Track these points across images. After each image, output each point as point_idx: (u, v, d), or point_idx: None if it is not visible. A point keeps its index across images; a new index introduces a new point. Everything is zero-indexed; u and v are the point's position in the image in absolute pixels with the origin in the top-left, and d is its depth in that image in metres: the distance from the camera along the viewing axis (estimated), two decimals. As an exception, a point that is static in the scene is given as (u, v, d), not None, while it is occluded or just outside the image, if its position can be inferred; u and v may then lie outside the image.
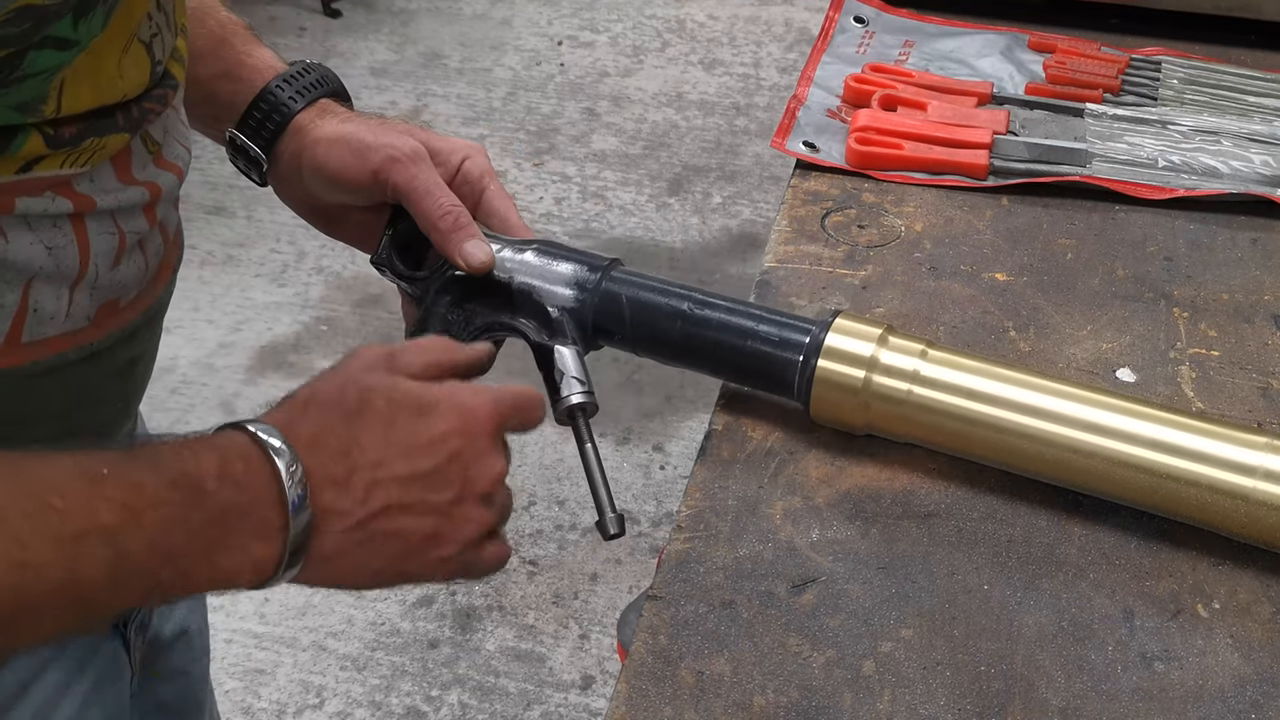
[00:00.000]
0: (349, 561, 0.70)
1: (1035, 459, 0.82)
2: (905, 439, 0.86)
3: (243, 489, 0.65)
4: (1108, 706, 0.73)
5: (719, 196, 3.15)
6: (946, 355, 0.84)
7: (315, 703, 2.07)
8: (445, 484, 0.72)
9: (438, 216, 0.87)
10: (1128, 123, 1.19)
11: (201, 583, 0.65)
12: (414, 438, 0.71)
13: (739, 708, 0.72)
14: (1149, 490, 0.79)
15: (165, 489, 0.63)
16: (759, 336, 0.86)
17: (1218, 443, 0.78)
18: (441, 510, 0.72)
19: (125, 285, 0.76)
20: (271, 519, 0.66)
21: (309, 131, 0.90)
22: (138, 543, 0.62)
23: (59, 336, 0.72)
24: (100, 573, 0.61)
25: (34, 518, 0.59)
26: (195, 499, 0.64)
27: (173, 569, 0.63)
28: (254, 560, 0.66)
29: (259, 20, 3.67)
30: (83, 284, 0.72)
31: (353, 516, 0.69)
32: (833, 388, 0.84)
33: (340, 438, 0.69)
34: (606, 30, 3.79)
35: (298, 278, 2.84)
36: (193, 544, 0.64)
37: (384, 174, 0.87)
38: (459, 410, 0.73)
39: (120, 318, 0.76)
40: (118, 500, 0.61)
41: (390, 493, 0.70)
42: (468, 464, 0.72)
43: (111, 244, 0.73)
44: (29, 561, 0.58)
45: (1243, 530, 0.78)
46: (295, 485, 0.66)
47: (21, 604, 0.58)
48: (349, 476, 0.69)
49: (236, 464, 0.66)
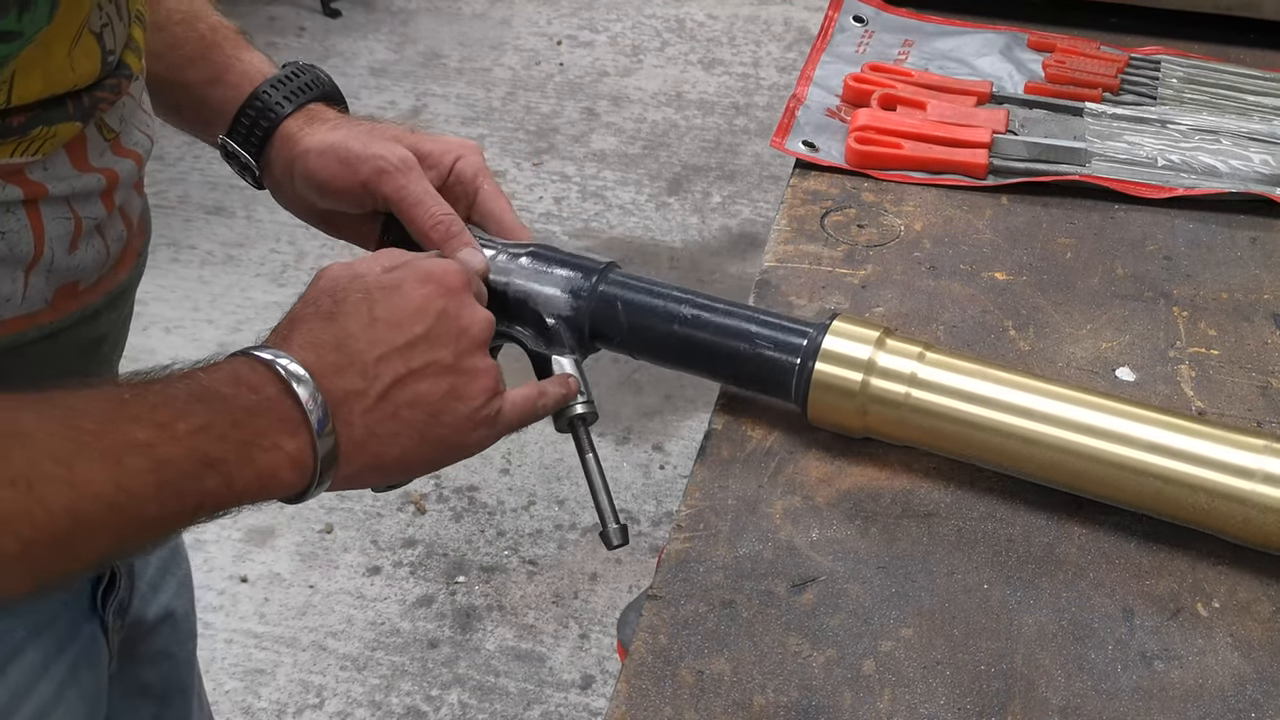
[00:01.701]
0: (383, 443, 0.73)
1: (1032, 462, 0.81)
2: (903, 442, 0.86)
3: (257, 390, 0.68)
4: (1107, 705, 0.73)
5: (718, 196, 3.15)
6: (944, 358, 0.84)
7: (315, 702, 2.07)
8: (444, 340, 0.75)
9: (429, 226, 0.87)
10: (1127, 122, 1.19)
11: (248, 484, 0.67)
12: (397, 311, 0.75)
13: (739, 707, 0.72)
14: (1146, 493, 0.79)
15: (186, 401, 0.66)
16: (756, 340, 0.85)
17: (1216, 445, 0.78)
18: (450, 366, 0.75)
19: (84, 269, 0.76)
20: (291, 413, 0.69)
21: (298, 140, 0.90)
22: (176, 450, 0.64)
23: (16, 318, 0.73)
24: (146, 484, 0.63)
25: (71, 440, 0.61)
26: (218, 406, 0.67)
27: (215, 474, 0.66)
28: (289, 456, 0.68)
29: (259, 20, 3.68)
30: (38, 268, 0.72)
31: (369, 395, 0.72)
32: (830, 391, 0.84)
33: (331, 335, 0.73)
34: (606, 30, 3.79)
35: (298, 278, 2.84)
36: (227, 447, 0.66)
37: (373, 185, 0.88)
38: (428, 275, 0.77)
39: (80, 300, 0.77)
40: (146, 418, 0.64)
41: (395, 364, 0.73)
42: (457, 316, 0.76)
43: (67, 229, 0.73)
44: (75, 480, 0.60)
45: (1241, 533, 0.78)
46: (300, 382, 0.69)
47: (76, 524, 0.60)
48: (350, 362, 0.72)
49: (244, 371, 0.69)
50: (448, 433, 0.76)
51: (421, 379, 0.74)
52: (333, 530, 2.33)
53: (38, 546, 0.59)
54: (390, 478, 0.77)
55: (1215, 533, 0.79)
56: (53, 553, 0.60)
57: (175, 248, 2.90)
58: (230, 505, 0.68)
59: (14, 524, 0.58)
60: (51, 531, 0.60)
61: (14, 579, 0.60)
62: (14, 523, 0.58)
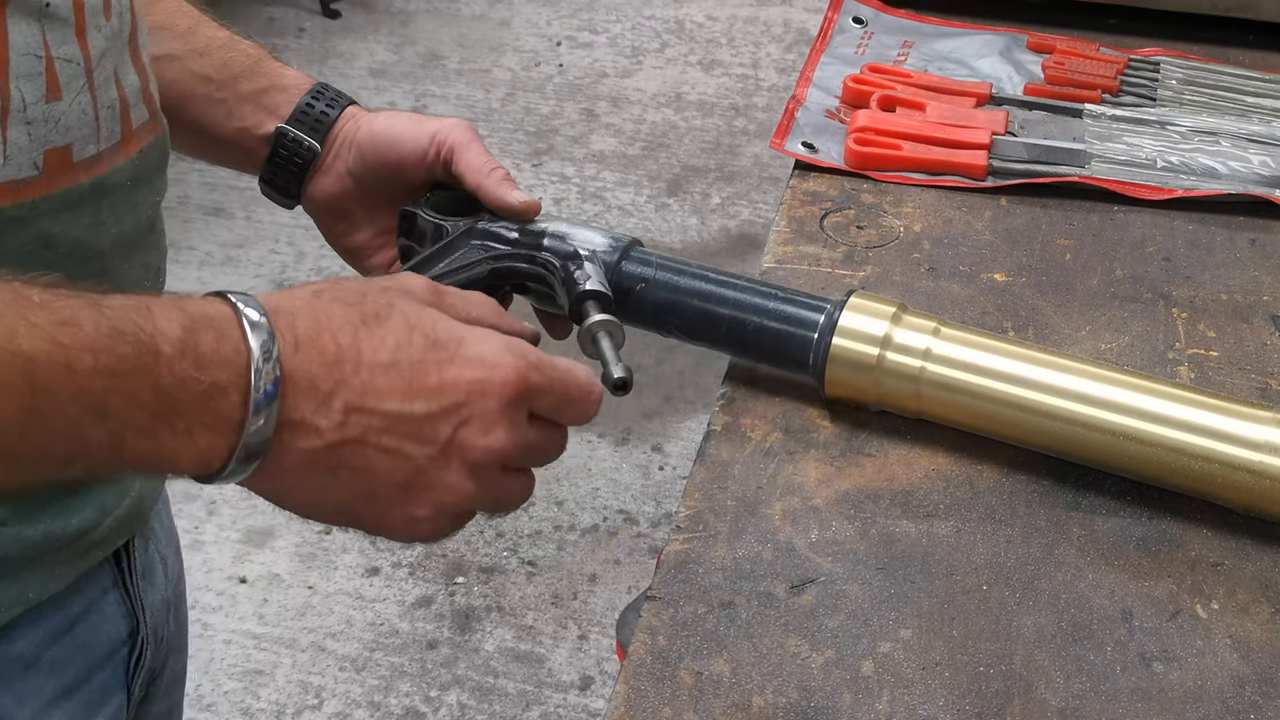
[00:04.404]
0: (307, 484, 0.63)
1: (1045, 434, 0.83)
2: (917, 415, 0.87)
3: (202, 367, 0.57)
4: (1107, 707, 0.73)
5: (718, 197, 3.15)
6: (959, 333, 0.86)
7: (314, 703, 2.07)
8: (430, 439, 0.64)
9: (491, 169, 0.91)
10: (1126, 123, 1.19)
11: (136, 456, 0.57)
12: (418, 374, 0.63)
13: (738, 708, 0.72)
14: (1157, 464, 0.81)
15: (107, 337, 0.55)
16: (774, 315, 0.87)
17: (1226, 418, 0.80)
18: (416, 465, 0.64)
19: (70, 129, 0.69)
20: (228, 412, 0.58)
21: (362, 115, 0.96)
22: (62, 384, 0.53)
23: (5, 184, 0.66)
24: (8, 404, 0.52)
25: None
26: (143, 360, 0.56)
27: (103, 430, 0.55)
28: (198, 449, 0.58)
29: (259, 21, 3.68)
30: (13, 116, 0.65)
31: (323, 438, 0.62)
32: (847, 365, 0.86)
33: (339, 344, 0.62)
34: (605, 31, 3.80)
35: (297, 278, 2.84)
36: (131, 410, 0.56)
37: (443, 134, 0.92)
38: (479, 362, 0.65)
39: (75, 174, 0.70)
40: (45, 331, 0.53)
41: (370, 425, 0.62)
42: (463, 424, 0.64)
43: (36, 67, 0.66)
44: None
45: (1249, 503, 0.80)
46: (265, 381, 0.59)
47: None
48: (332, 392, 0.62)
49: (205, 335, 0.58)
50: (375, 517, 0.66)
51: (383, 456, 0.63)
52: (331, 531, 2.34)
53: None
54: (287, 508, 0.66)
55: (1224, 503, 0.81)
56: None
57: (174, 249, 2.89)
58: (110, 471, 0.59)
59: None
60: None
61: None
62: None
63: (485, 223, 0.91)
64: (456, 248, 0.89)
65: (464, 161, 0.91)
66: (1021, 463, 0.86)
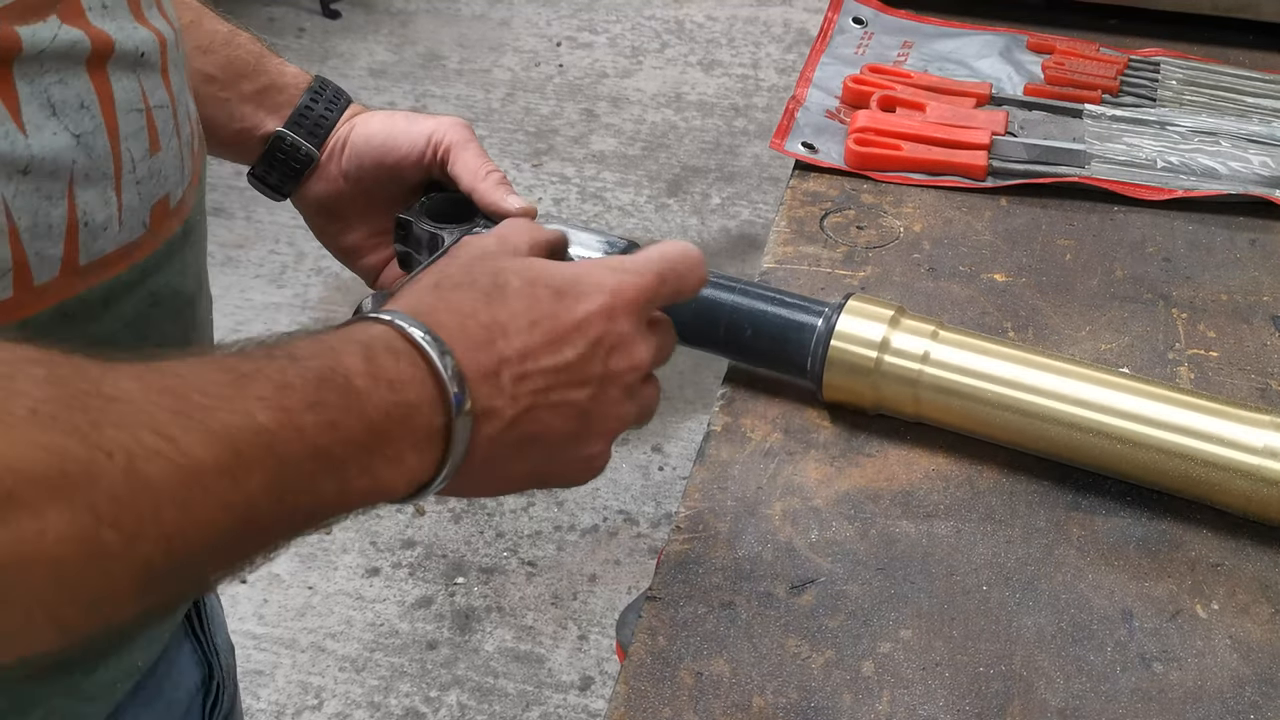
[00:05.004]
0: (495, 467, 0.63)
1: (1043, 438, 0.83)
2: (915, 418, 0.87)
3: (396, 389, 0.57)
4: (1107, 707, 0.73)
5: (718, 197, 3.15)
6: (957, 336, 0.86)
7: (314, 704, 2.07)
8: (586, 378, 0.64)
9: (487, 171, 0.90)
10: (1126, 123, 1.19)
11: (359, 497, 0.57)
12: (556, 322, 0.64)
13: (738, 708, 0.72)
14: (1155, 468, 0.81)
15: (315, 388, 0.54)
16: (772, 319, 0.87)
17: (1223, 421, 0.80)
18: (582, 408, 0.65)
19: (168, 178, 0.70)
20: (432, 422, 0.58)
21: (358, 115, 0.95)
22: (299, 448, 0.53)
23: (116, 252, 0.66)
24: (263, 483, 0.51)
25: (181, 415, 0.49)
26: (349, 401, 0.55)
27: (334, 482, 0.55)
28: (409, 470, 0.58)
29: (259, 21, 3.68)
30: (126, 179, 0.66)
31: (504, 416, 0.62)
32: (845, 369, 0.86)
33: (483, 323, 0.62)
34: (605, 31, 3.80)
35: (297, 279, 2.84)
36: (351, 452, 0.55)
37: (439, 134, 0.92)
38: (598, 289, 0.65)
39: (169, 225, 0.70)
40: (271, 400, 0.52)
41: (536, 385, 0.63)
42: (609, 352, 0.65)
43: (139, 123, 0.67)
44: (186, 464, 0.48)
45: (1247, 506, 0.80)
46: (453, 380, 0.59)
47: (188, 518, 0.48)
48: (498, 369, 0.61)
49: (384, 359, 0.58)
50: (556, 471, 0.67)
51: (552, 412, 0.64)
52: (331, 531, 2.33)
53: (140, 543, 0.47)
54: (476, 495, 0.68)
55: (1221, 506, 0.81)
56: (161, 553, 0.48)
57: (174, 249, 2.90)
58: (336, 517, 0.58)
59: (117, 512, 0.45)
60: (155, 526, 0.47)
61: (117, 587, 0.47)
62: (117, 510, 0.45)
63: (481, 228, 0.91)
64: None
65: (460, 163, 0.91)
66: (1021, 463, 0.86)
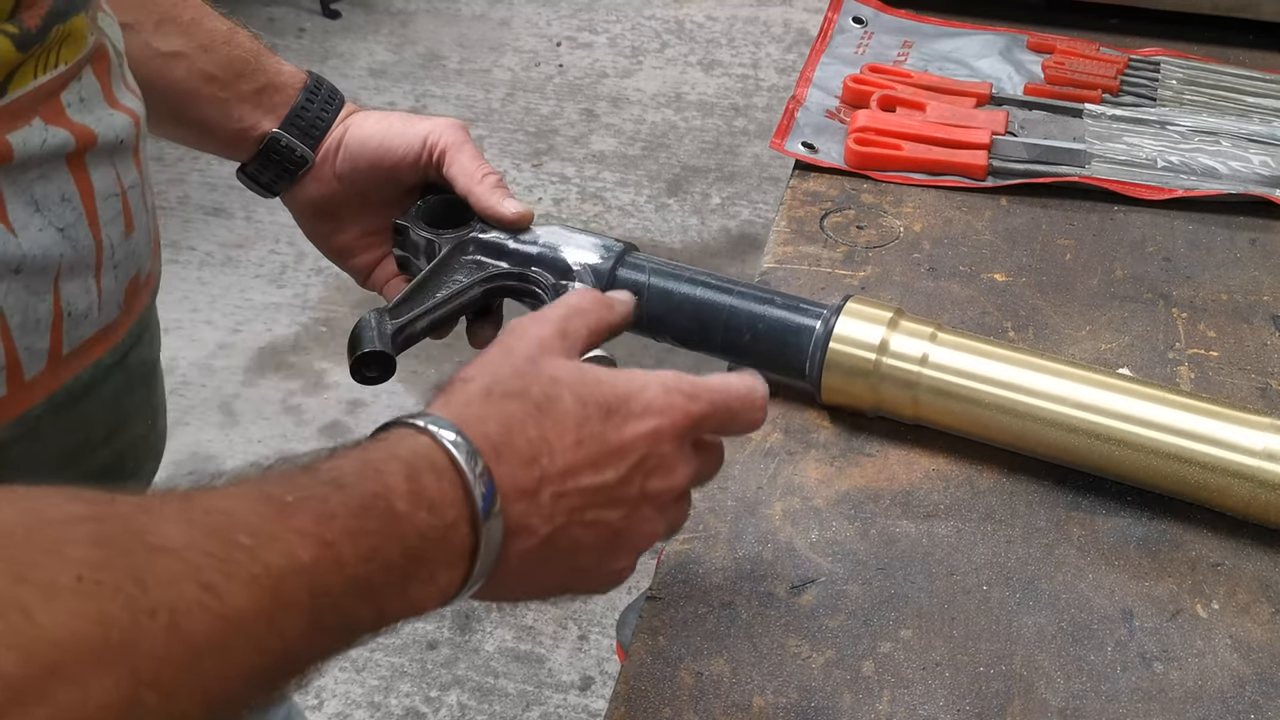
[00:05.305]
0: (524, 579, 0.63)
1: (1042, 441, 0.83)
2: (914, 420, 0.87)
3: (436, 511, 0.57)
4: (1107, 707, 0.73)
5: (718, 197, 3.15)
6: (955, 339, 0.86)
7: (314, 704, 2.07)
8: (623, 498, 0.64)
9: (483, 175, 0.91)
10: (1126, 123, 1.19)
11: (394, 616, 0.57)
12: (602, 443, 0.63)
13: (738, 709, 0.72)
14: (1154, 470, 0.81)
15: (357, 517, 0.54)
16: (771, 321, 0.87)
17: (1222, 424, 0.80)
18: (615, 527, 0.64)
19: (139, 257, 0.71)
20: (463, 541, 0.58)
21: (353, 116, 0.95)
22: (336, 582, 0.53)
23: (94, 337, 0.68)
24: (301, 620, 0.51)
25: (225, 562, 0.49)
26: (390, 527, 0.55)
27: (369, 607, 0.55)
28: (440, 589, 0.58)
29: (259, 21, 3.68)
30: (105, 265, 0.68)
31: (538, 534, 0.61)
32: (844, 371, 0.86)
33: (529, 439, 0.61)
34: (605, 31, 3.79)
35: (297, 279, 2.84)
36: (389, 577, 0.55)
37: (434, 136, 0.92)
38: (648, 411, 0.65)
39: (141, 296, 0.71)
40: (312, 534, 0.52)
41: (573, 505, 0.62)
42: (649, 474, 0.65)
43: (116, 207, 0.69)
44: (227, 614, 0.48)
45: (1246, 509, 0.80)
46: (485, 499, 0.58)
47: (227, 667, 0.48)
48: (538, 488, 0.61)
49: (427, 478, 0.57)
50: (583, 585, 0.67)
51: (586, 529, 0.63)
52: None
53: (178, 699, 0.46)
54: (504, 601, 0.66)
55: (1220, 509, 0.81)
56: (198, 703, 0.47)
57: (174, 249, 2.90)
58: (369, 636, 0.57)
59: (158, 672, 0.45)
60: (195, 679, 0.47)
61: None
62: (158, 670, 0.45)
63: (477, 232, 0.91)
64: (448, 268, 0.89)
65: (456, 165, 0.91)
66: (1022, 463, 0.86)
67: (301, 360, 2.65)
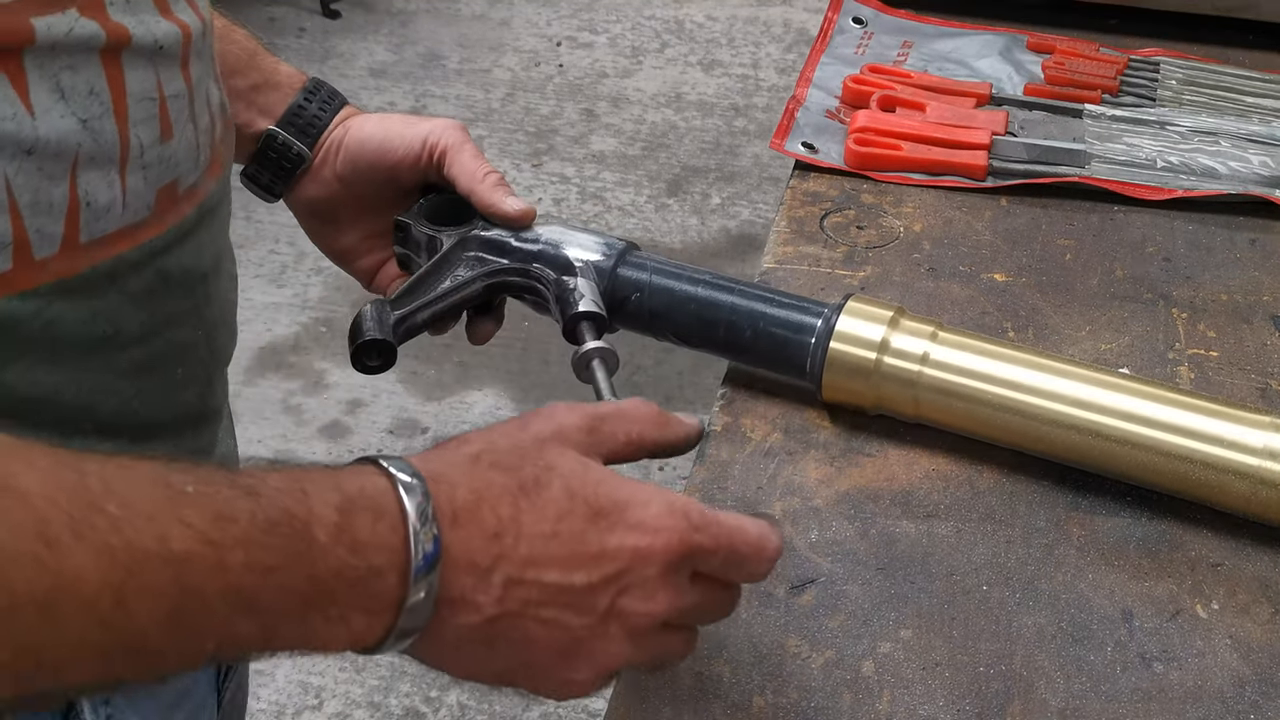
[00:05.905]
0: (463, 655, 0.61)
1: (1043, 439, 0.83)
2: (915, 419, 0.87)
3: (359, 552, 0.55)
4: (1107, 707, 0.73)
5: (718, 197, 3.15)
6: (956, 337, 0.86)
7: (314, 704, 2.07)
8: (589, 608, 0.61)
9: (485, 173, 0.91)
10: (1126, 123, 1.19)
11: (286, 644, 0.55)
12: (579, 545, 0.60)
13: (738, 709, 0.72)
14: (1154, 469, 0.81)
15: (262, 529, 0.52)
16: (772, 320, 0.87)
17: (1222, 422, 0.80)
18: (575, 635, 0.61)
19: (179, 164, 0.69)
20: (389, 591, 0.56)
21: (353, 117, 0.95)
22: (213, 584, 0.51)
23: (119, 232, 0.66)
24: (159, 608, 0.50)
25: (78, 523, 0.48)
26: (298, 551, 0.53)
27: (254, 623, 0.53)
28: (352, 632, 0.56)
29: (259, 21, 3.67)
30: (132, 163, 0.65)
31: (482, 613, 0.59)
32: (845, 369, 0.86)
33: (499, 516, 0.59)
34: (605, 31, 3.79)
35: (297, 278, 2.84)
36: (284, 601, 0.53)
37: (435, 136, 0.92)
38: (641, 528, 0.61)
39: (179, 209, 0.70)
40: (197, 529, 0.51)
41: (529, 598, 0.59)
42: (623, 591, 0.61)
43: (151, 110, 0.66)
44: (62, 572, 0.47)
45: (1246, 507, 0.80)
46: (426, 557, 0.56)
47: (54, 629, 0.47)
48: (492, 566, 0.58)
49: (361, 518, 0.55)
50: (533, 683, 0.64)
51: (542, 627, 0.60)
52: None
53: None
54: (445, 672, 0.64)
55: (1221, 507, 0.81)
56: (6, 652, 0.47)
57: (174, 249, 2.90)
58: (257, 657, 0.55)
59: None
60: (9, 628, 0.46)
61: None
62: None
63: (479, 230, 0.91)
64: (450, 263, 0.90)
65: (457, 165, 0.91)
66: (1022, 463, 0.86)
67: (301, 360, 2.65)
